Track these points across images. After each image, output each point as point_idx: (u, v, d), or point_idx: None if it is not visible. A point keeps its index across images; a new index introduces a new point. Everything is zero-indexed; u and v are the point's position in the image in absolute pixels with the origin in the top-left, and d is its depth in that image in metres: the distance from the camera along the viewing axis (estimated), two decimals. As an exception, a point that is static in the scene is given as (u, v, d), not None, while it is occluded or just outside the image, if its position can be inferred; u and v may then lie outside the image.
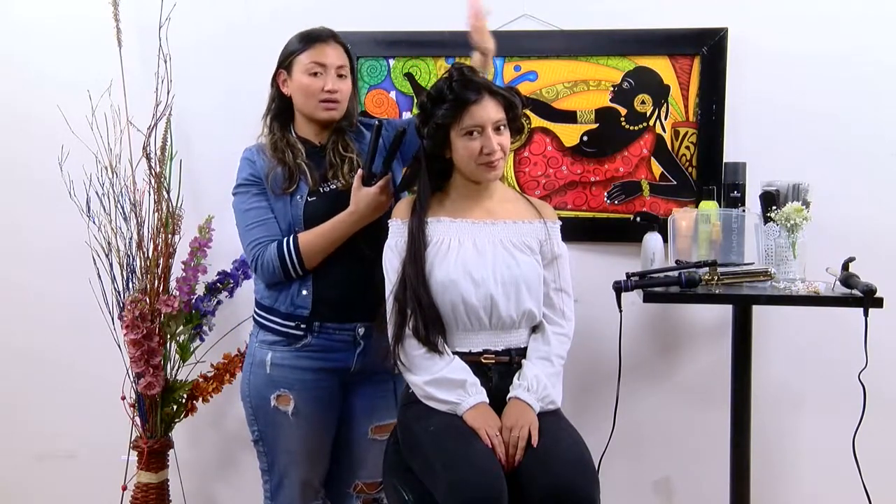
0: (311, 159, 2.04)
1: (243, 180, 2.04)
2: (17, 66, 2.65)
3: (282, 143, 2.03)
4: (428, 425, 1.81)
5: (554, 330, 1.96)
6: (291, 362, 2.00)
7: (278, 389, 2.00)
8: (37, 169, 2.58)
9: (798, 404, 2.52)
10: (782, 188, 2.20)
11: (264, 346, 2.03)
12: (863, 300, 1.97)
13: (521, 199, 2.07)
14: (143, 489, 2.42)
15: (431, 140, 1.92)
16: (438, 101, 1.90)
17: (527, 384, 1.87)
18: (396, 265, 1.91)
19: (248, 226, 2.01)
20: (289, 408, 2.00)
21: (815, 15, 2.44)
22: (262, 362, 2.01)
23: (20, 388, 2.71)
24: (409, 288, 1.87)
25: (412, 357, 1.88)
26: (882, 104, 2.44)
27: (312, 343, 2.00)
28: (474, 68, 1.99)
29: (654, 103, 2.47)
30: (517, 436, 1.77)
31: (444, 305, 1.87)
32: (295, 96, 2.04)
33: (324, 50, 2.01)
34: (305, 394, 2.01)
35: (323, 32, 2.05)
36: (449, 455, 1.72)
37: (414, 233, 1.90)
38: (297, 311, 1.99)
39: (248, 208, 2.02)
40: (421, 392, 1.86)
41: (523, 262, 1.94)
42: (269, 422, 2.03)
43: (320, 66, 2.00)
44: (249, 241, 2.00)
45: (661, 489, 2.56)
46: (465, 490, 1.63)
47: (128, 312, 2.33)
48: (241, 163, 2.07)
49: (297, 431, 2.02)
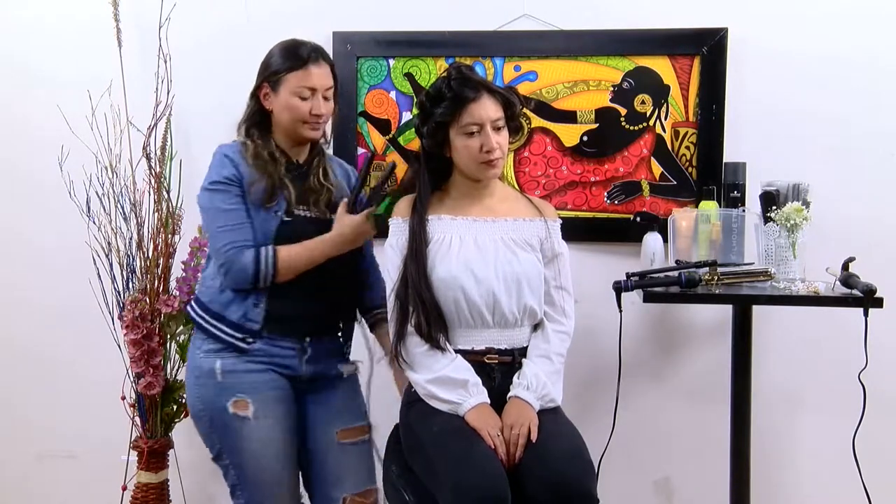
0: (290, 174, 2.02)
1: (224, 178, 1.97)
2: (17, 66, 2.64)
3: (263, 153, 1.99)
4: (430, 426, 1.81)
5: (554, 328, 1.97)
6: (242, 366, 1.95)
7: (234, 396, 1.93)
8: (37, 169, 2.58)
9: (798, 404, 2.52)
10: (782, 188, 2.20)
11: (210, 354, 1.96)
12: (863, 300, 1.97)
13: (521, 198, 2.07)
14: (143, 489, 2.42)
15: (431, 138, 1.92)
16: (437, 100, 1.91)
17: (526, 382, 1.88)
18: (398, 263, 1.91)
19: (224, 227, 1.95)
20: (248, 412, 1.93)
21: (815, 15, 2.44)
22: (211, 372, 1.95)
23: (20, 388, 2.71)
24: (411, 285, 1.87)
25: (414, 354, 1.87)
26: (882, 104, 2.44)
27: (259, 348, 1.97)
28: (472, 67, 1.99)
29: (654, 103, 2.47)
30: (517, 434, 1.78)
31: (446, 302, 1.87)
32: (279, 114, 2.00)
33: (313, 72, 1.97)
34: (261, 395, 1.95)
35: (312, 52, 1.99)
36: (452, 457, 1.72)
37: (415, 230, 1.91)
38: (248, 325, 1.95)
39: (227, 208, 1.95)
40: (423, 391, 1.86)
41: (524, 258, 1.94)
42: (230, 431, 1.94)
43: (310, 91, 1.97)
44: (225, 243, 1.94)
45: (661, 489, 2.56)
46: (470, 492, 1.63)
47: (128, 312, 2.33)
48: (218, 158, 2.00)
49: (260, 435, 1.95)
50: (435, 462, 1.74)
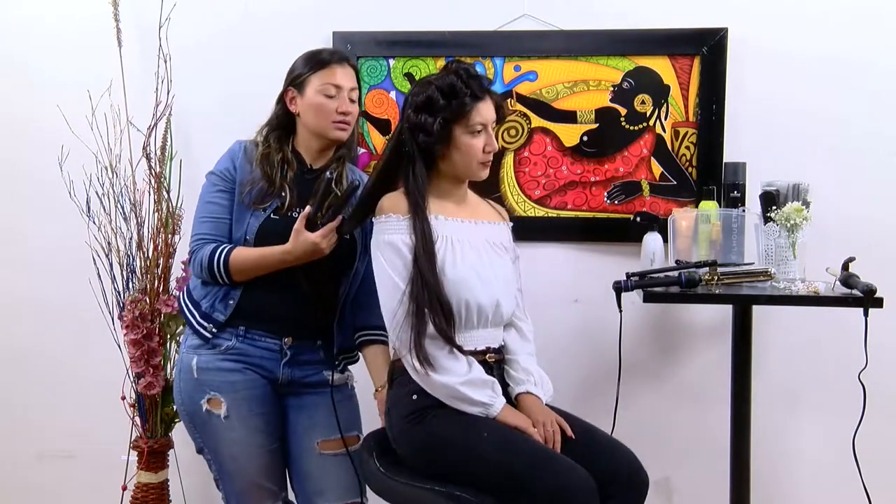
0: (298, 179, 2.01)
1: (219, 171, 2.01)
2: (17, 66, 2.64)
3: (275, 157, 1.99)
4: (477, 431, 1.76)
5: (527, 328, 2.03)
6: (217, 365, 1.96)
7: (208, 393, 1.95)
8: (37, 169, 2.58)
9: (798, 404, 2.52)
10: (782, 188, 2.20)
11: (190, 350, 1.99)
12: (863, 300, 1.97)
13: (483, 201, 2.08)
14: (143, 489, 2.42)
15: (435, 136, 1.86)
16: (450, 97, 1.86)
17: (534, 379, 1.91)
18: (409, 260, 1.82)
19: (201, 218, 2.00)
20: (221, 411, 1.95)
21: (815, 15, 2.44)
22: (189, 367, 1.97)
23: (20, 388, 2.71)
24: (427, 286, 1.80)
25: (437, 358, 1.80)
26: (882, 104, 2.44)
27: (236, 346, 1.98)
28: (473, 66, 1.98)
29: (654, 103, 2.47)
30: (551, 430, 1.80)
31: (456, 304, 1.84)
32: (305, 115, 2.01)
33: (338, 72, 2.00)
34: (235, 395, 1.95)
35: (337, 53, 2.05)
36: (537, 460, 1.71)
37: (423, 229, 1.83)
38: (214, 314, 1.97)
39: (208, 200, 2.00)
40: (452, 393, 1.79)
41: (506, 260, 1.99)
42: (206, 428, 1.98)
43: (335, 88, 1.99)
44: (195, 234, 1.99)
45: (661, 489, 2.56)
46: (578, 495, 1.64)
47: (128, 312, 2.34)
48: (228, 150, 2.04)
49: (232, 434, 1.96)
50: (510, 467, 1.71)
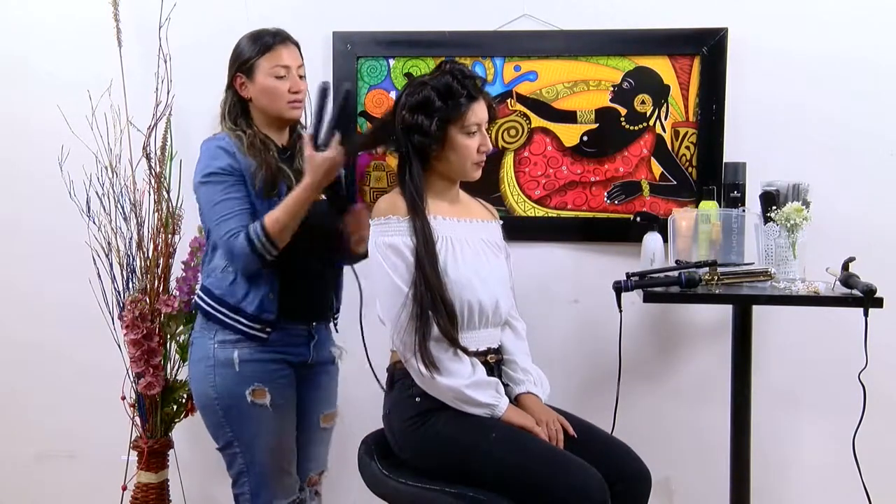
0: (281, 159, 2.05)
1: (219, 169, 1.98)
2: (17, 66, 2.64)
3: (256, 141, 2.01)
4: (486, 432, 1.77)
5: (521, 327, 2.04)
6: (258, 356, 2.01)
7: (252, 384, 1.99)
8: (37, 169, 2.58)
9: (798, 404, 2.52)
10: (782, 188, 2.20)
11: (227, 345, 2.00)
12: (863, 300, 1.97)
13: (474, 200, 2.08)
14: (143, 489, 2.42)
15: (431, 137, 1.85)
16: (446, 97, 1.86)
17: (533, 379, 1.93)
18: (411, 262, 1.82)
19: (221, 217, 1.96)
20: (266, 400, 2.00)
21: (815, 15, 2.44)
22: (229, 361, 1.99)
23: (20, 388, 2.71)
24: (430, 288, 1.79)
25: (442, 360, 1.79)
26: (882, 104, 2.44)
27: (273, 338, 2.02)
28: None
29: (654, 103, 2.47)
30: (554, 429, 1.82)
31: (459, 304, 1.84)
32: (259, 98, 2.04)
33: (284, 53, 2.04)
34: (276, 384, 2.03)
35: (280, 34, 2.07)
36: (551, 459, 1.73)
37: (424, 230, 1.83)
38: (265, 315, 2.00)
39: (222, 198, 1.97)
40: (458, 395, 1.79)
41: (501, 260, 1.99)
42: (247, 419, 2.00)
43: (284, 69, 2.03)
44: (223, 233, 1.95)
45: (661, 489, 2.55)
46: (596, 492, 1.67)
47: (128, 312, 2.34)
48: (211, 151, 2.01)
49: (276, 423, 2.03)
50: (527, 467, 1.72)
